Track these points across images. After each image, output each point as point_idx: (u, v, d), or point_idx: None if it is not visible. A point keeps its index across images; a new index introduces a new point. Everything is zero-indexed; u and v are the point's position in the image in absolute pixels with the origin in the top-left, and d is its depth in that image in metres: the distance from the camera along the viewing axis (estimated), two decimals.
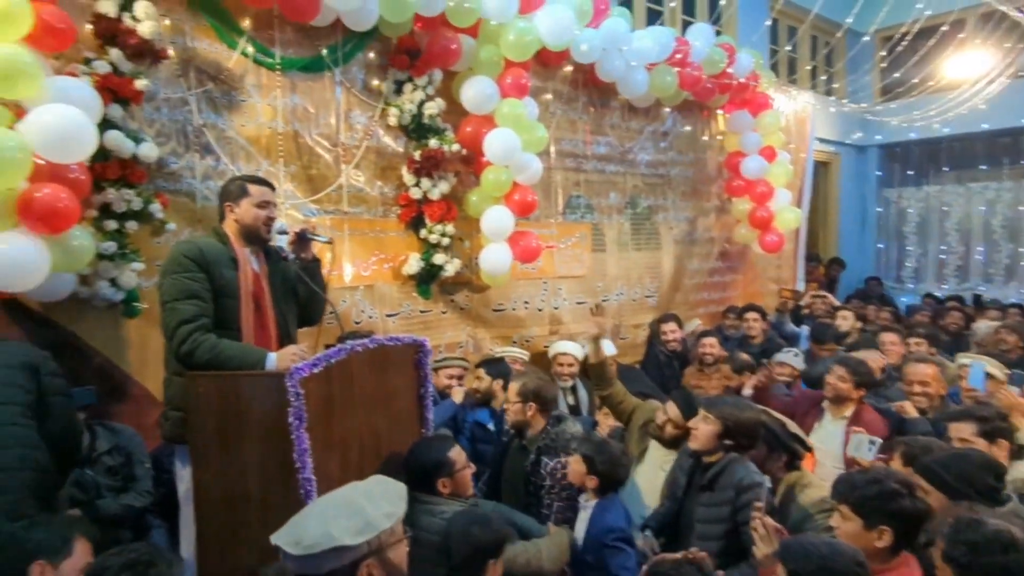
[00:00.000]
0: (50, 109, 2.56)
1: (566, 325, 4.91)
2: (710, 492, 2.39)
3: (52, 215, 2.54)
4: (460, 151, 4.11)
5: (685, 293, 5.93)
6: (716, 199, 6.22)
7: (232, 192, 2.50)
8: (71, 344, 2.95)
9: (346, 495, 1.54)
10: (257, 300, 2.44)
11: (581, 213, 5.10)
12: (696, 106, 5.88)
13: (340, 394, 2.18)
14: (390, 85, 3.97)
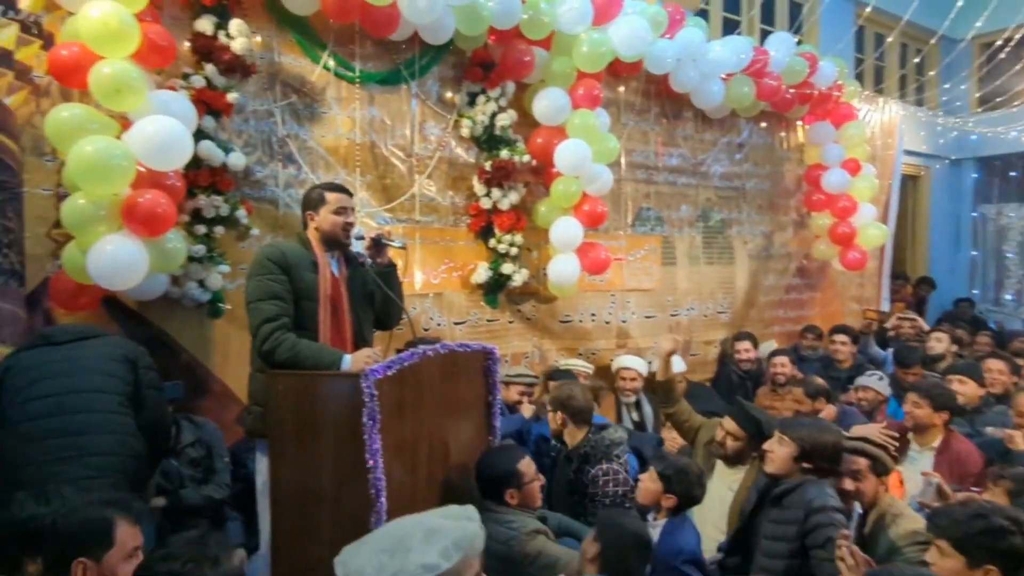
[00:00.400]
0: (152, 121, 2.78)
1: (634, 339, 4.87)
2: (778, 508, 2.32)
3: (151, 219, 2.74)
4: (530, 162, 4.18)
5: (760, 310, 5.77)
6: (794, 213, 6.04)
7: (312, 200, 2.63)
8: (161, 341, 3.16)
9: (404, 529, 1.37)
10: (335, 303, 2.55)
11: (651, 225, 5.06)
12: (774, 117, 5.74)
13: (411, 397, 2.24)
14: (463, 97, 4.09)
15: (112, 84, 2.71)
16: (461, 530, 1.33)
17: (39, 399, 2.24)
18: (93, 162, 2.62)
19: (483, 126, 4.06)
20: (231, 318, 3.32)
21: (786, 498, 2.30)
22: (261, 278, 2.43)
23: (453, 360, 2.43)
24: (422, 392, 2.30)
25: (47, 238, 2.96)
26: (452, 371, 2.43)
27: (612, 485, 2.71)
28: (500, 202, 4.11)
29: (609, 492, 2.67)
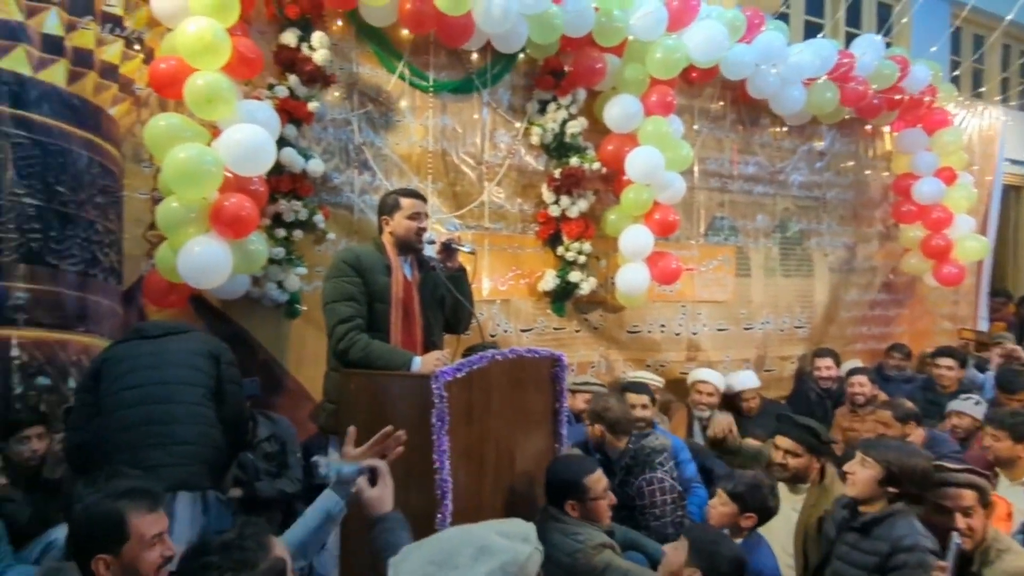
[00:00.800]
0: (239, 129, 2.96)
1: (705, 352, 4.77)
2: (860, 535, 2.21)
3: (237, 222, 2.92)
4: (600, 169, 4.18)
5: (841, 326, 5.52)
6: (880, 225, 5.76)
7: (387, 205, 2.72)
8: (241, 339, 3.34)
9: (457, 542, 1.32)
10: (406, 306, 2.63)
11: (725, 235, 4.95)
12: (859, 124, 5.52)
13: (479, 401, 2.27)
14: (534, 105, 4.14)
15: (204, 94, 2.90)
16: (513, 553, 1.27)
17: (131, 389, 2.40)
18: (185, 168, 2.81)
19: (553, 134, 4.09)
20: (307, 319, 3.47)
21: (875, 528, 2.19)
22: (337, 280, 2.54)
23: (521, 365, 2.44)
24: (490, 396, 2.32)
25: (142, 239, 3.20)
26: (520, 376, 2.44)
27: (660, 494, 2.67)
28: (569, 210, 4.12)
29: (658, 502, 2.62)
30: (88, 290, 2.90)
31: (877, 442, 2.45)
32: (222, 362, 2.57)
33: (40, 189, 2.74)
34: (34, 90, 2.74)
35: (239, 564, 1.35)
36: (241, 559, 1.36)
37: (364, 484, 1.68)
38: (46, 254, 2.76)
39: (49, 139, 2.77)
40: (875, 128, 5.67)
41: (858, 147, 5.61)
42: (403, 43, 3.77)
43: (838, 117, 5.21)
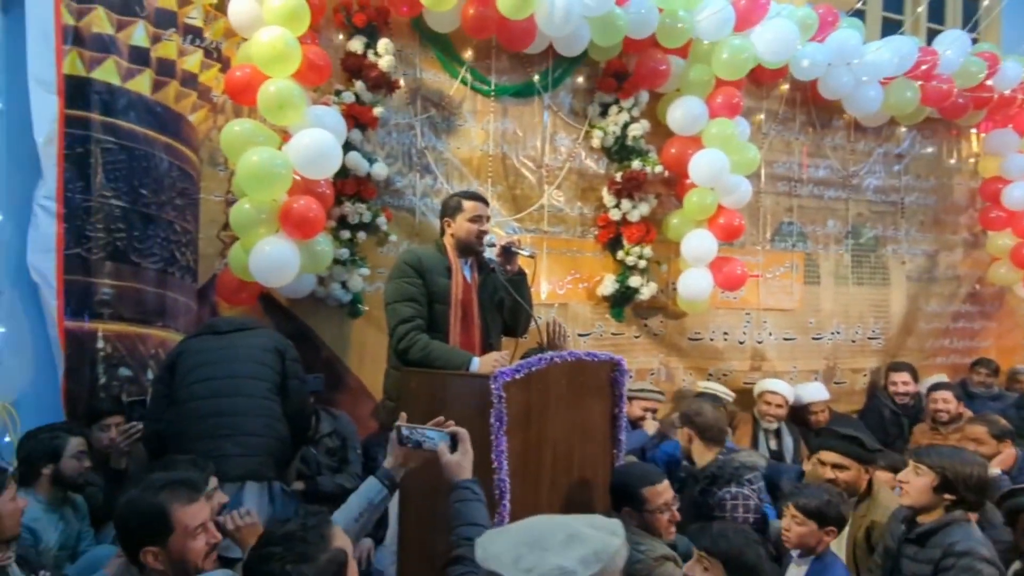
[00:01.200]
0: (309, 133, 3.10)
1: (770, 361, 4.64)
2: (918, 546, 2.16)
3: (305, 223, 3.04)
4: (663, 173, 4.14)
5: (920, 338, 5.25)
6: (966, 232, 5.45)
7: (450, 207, 2.77)
8: (306, 336, 3.48)
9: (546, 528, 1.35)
10: (465, 308, 2.67)
11: (792, 241, 4.80)
12: (942, 124, 5.25)
13: (537, 402, 2.28)
14: (595, 108, 4.14)
15: (276, 100, 3.04)
16: (604, 542, 1.27)
17: (202, 382, 2.53)
18: (257, 171, 2.96)
19: (614, 136, 4.09)
20: (368, 319, 3.58)
21: (931, 537, 2.15)
22: (399, 281, 2.61)
23: (580, 368, 2.44)
24: (548, 398, 2.32)
25: (216, 239, 3.38)
26: (578, 380, 2.43)
27: (742, 511, 2.60)
28: (630, 213, 4.10)
29: (738, 517, 2.55)
30: (167, 287, 3.08)
31: (930, 449, 2.37)
32: (287, 358, 2.67)
33: (126, 191, 2.92)
34: (122, 98, 2.93)
35: (300, 556, 1.37)
36: (303, 551, 1.38)
37: (445, 450, 1.76)
38: (130, 252, 2.94)
39: (135, 144, 2.96)
40: (960, 129, 5.38)
41: (941, 149, 5.34)
42: (465, 48, 3.84)
43: (919, 117, 4.98)
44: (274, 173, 2.97)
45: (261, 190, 3.01)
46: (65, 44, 2.80)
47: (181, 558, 1.65)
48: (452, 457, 1.76)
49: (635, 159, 4.08)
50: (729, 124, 4.01)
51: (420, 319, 2.55)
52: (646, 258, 4.14)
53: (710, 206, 4.04)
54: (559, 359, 2.35)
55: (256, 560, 1.40)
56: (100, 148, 2.87)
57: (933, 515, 2.20)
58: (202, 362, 2.57)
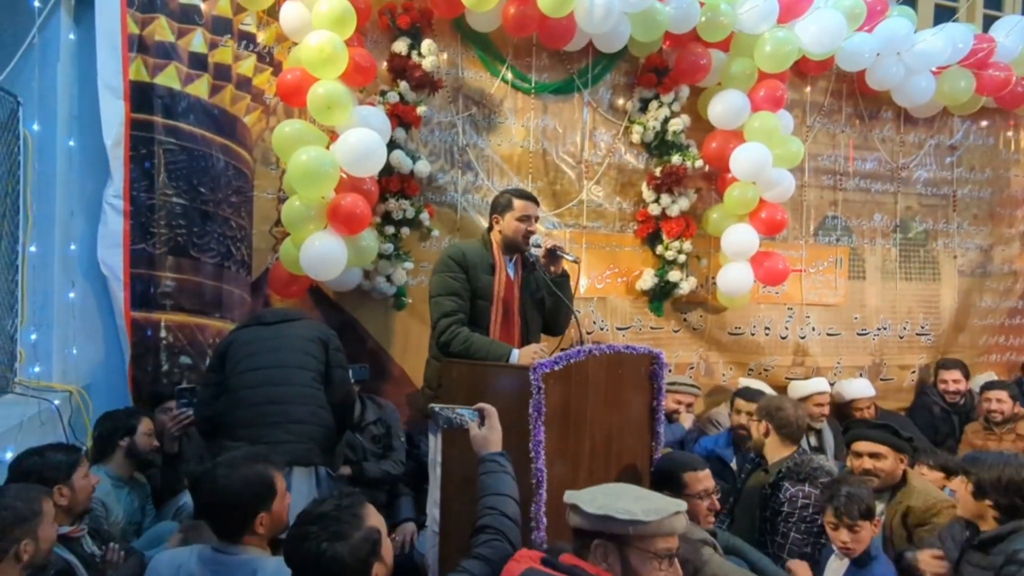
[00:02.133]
0: (355, 133, 3.21)
1: (813, 357, 4.60)
2: (982, 553, 2.14)
3: (352, 219, 3.16)
4: (703, 167, 4.15)
5: (972, 335, 5.11)
6: (1023, 225, 5.28)
7: (499, 205, 2.82)
8: (352, 327, 3.62)
9: (621, 488, 1.65)
10: (507, 304, 2.74)
11: (837, 235, 4.73)
12: (998, 114, 5.08)
13: (576, 394, 2.30)
14: (635, 103, 4.16)
15: (325, 101, 3.17)
16: (667, 503, 1.56)
17: (252, 371, 2.60)
18: (307, 169, 3.09)
19: (654, 132, 4.10)
20: (412, 311, 3.70)
21: (995, 545, 2.13)
22: (443, 275, 2.69)
23: (619, 361, 2.46)
24: (587, 390, 2.35)
25: (269, 235, 3.54)
26: (617, 372, 2.46)
27: (811, 510, 2.58)
28: (669, 208, 4.12)
29: (806, 517, 2.55)
30: (223, 280, 3.24)
31: (975, 455, 2.36)
32: (330, 348, 2.74)
33: (186, 190, 3.10)
34: (182, 102, 3.11)
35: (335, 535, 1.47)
36: (337, 530, 1.48)
37: (474, 425, 1.85)
38: (189, 247, 3.11)
39: (194, 145, 3.13)
40: (1018, 119, 5.20)
41: (998, 140, 5.17)
42: (506, 46, 3.92)
43: (974, 107, 4.83)
44: (322, 172, 3.10)
45: (310, 188, 3.14)
46: (131, 52, 2.98)
47: (280, 520, 1.85)
48: (479, 432, 1.84)
49: (675, 154, 4.09)
50: (772, 117, 3.98)
51: (462, 313, 2.63)
52: (686, 253, 4.15)
53: (751, 200, 4.02)
54: (597, 352, 2.38)
55: (294, 539, 1.51)
56: (162, 149, 3.05)
57: (989, 523, 2.19)
58: (251, 352, 2.65)
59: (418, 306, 3.65)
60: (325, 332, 2.78)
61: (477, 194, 3.89)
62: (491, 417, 1.86)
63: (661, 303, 4.27)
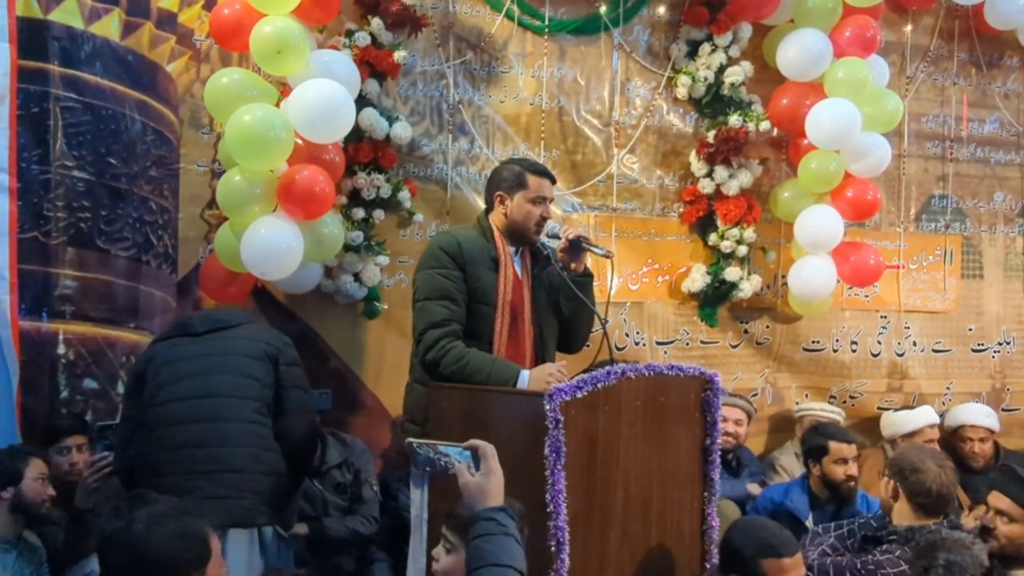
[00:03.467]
0: (313, 86, 3.16)
1: (914, 380, 4.57)
2: None
3: (309, 199, 3.12)
4: (770, 131, 4.11)
5: None
6: None
7: (507, 179, 2.76)
8: (310, 342, 3.58)
9: None
10: (515, 310, 2.71)
11: (946, 221, 4.70)
12: None
13: (605, 429, 2.29)
14: (681, 47, 4.13)
15: (273, 44, 3.13)
16: None
17: (174, 402, 2.55)
18: (250, 133, 3.03)
19: (706, 84, 4.07)
20: (389, 320, 3.68)
21: None
22: (431, 273, 2.65)
23: (660, 386, 2.44)
24: (619, 424, 2.34)
25: (200, 220, 3.51)
26: (659, 401, 2.45)
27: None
28: (726, 184, 4.08)
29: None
30: (140, 279, 3.21)
31: None
32: (280, 364, 2.66)
33: (91, 161, 3.06)
34: (86, 45, 3.07)
35: None
36: None
37: (464, 470, 1.76)
38: (96, 236, 3.07)
39: (100, 102, 3.09)
40: None
41: None
42: None
43: None
44: (271, 137, 3.04)
45: (255, 158, 3.09)
46: None
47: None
48: (473, 479, 1.74)
49: (733, 113, 4.05)
50: (861, 65, 3.94)
51: (456, 323, 2.60)
52: (747, 243, 4.12)
53: (834, 174, 3.99)
54: (633, 373, 2.36)
55: None
56: (60, 107, 3.00)
57: None
58: (174, 375, 2.59)
59: (396, 313, 3.62)
60: (276, 342, 2.72)
61: (473, 166, 3.86)
62: (488, 458, 1.77)
63: (715, 309, 4.25)
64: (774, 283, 4.32)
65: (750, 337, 4.35)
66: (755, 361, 4.36)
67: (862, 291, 4.40)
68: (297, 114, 3.14)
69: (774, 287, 4.33)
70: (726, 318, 4.29)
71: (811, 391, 4.43)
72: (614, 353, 2.65)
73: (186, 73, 3.50)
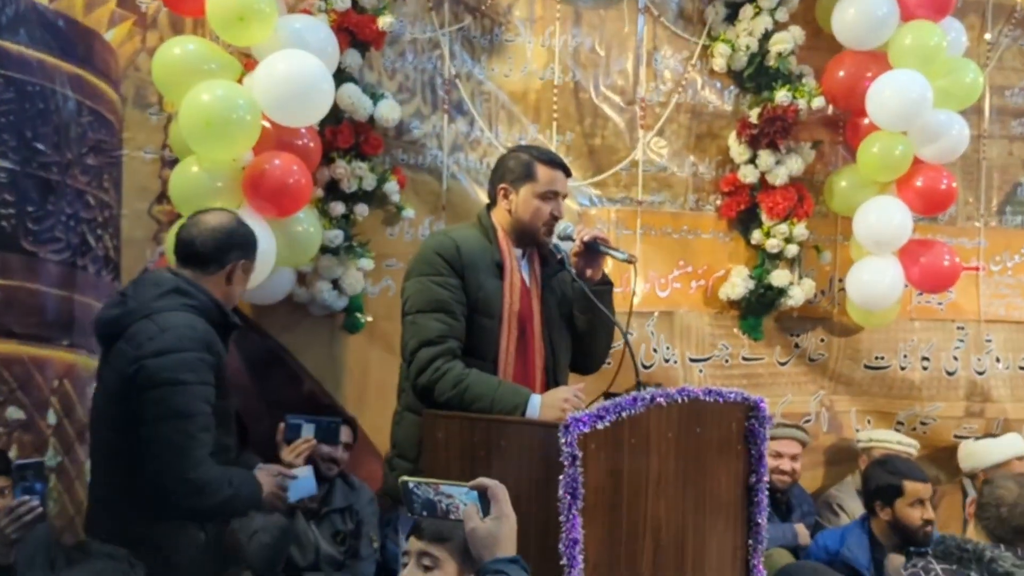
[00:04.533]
0: (284, 58, 3.11)
1: (997, 403, 4.55)
2: None
3: (280, 193, 3.08)
4: (824, 108, 4.10)
5: None
6: None
7: (513, 170, 2.73)
8: (279, 361, 3.54)
9: None
10: (523, 323, 2.69)
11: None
12: None
13: (631, 466, 2.28)
14: (719, 10, 4.13)
15: (235, 8, 3.08)
16: None
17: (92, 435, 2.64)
18: (209, 115, 2.99)
19: (748, 54, 4.06)
20: (373, 335, 3.64)
21: None
22: (425, 280, 2.60)
23: (697, 413, 2.45)
24: (647, 460, 2.33)
25: (148, 216, 3.45)
26: (693, 432, 2.45)
27: None
28: (772, 172, 4.06)
29: None
30: (75, 287, 3.17)
31: None
32: (141, 388, 2.33)
33: (15, 148, 3.03)
34: (7, 9, 3.03)
35: None
36: None
37: (472, 514, 1.78)
38: (21, 237, 3.04)
39: (27, 76, 3.05)
40: None
41: None
42: None
43: None
44: (233, 119, 3.00)
45: (215, 144, 3.05)
46: None
47: None
48: (482, 525, 1.78)
49: (781, 88, 4.03)
50: (932, 30, 3.91)
51: (453, 340, 2.55)
52: (798, 241, 4.11)
53: (900, 160, 3.95)
54: (663, 399, 2.35)
55: None
56: None
57: None
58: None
59: (382, 327, 3.59)
60: (146, 350, 2.35)
61: (473, 152, 3.84)
62: (499, 501, 1.81)
63: (759, 320, 4.24)
64: (829, 288, 4.33)
65: (801, 352, 4.35)
66: (808, 381, 4.36)
67: (934, 298, 4.42)
68: (264, 92, 3.10)
69: (829, 293, 4.33)
70: (773, 330, 4.29)
71: (874, 416, 4.43)
72: (640, 374, 2.61)
73: (129, 42, 3.44)
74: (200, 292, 2.45)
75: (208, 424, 2.35)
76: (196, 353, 2.35)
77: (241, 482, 2.42)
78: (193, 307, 2.41)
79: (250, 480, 2.48)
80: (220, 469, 2.35)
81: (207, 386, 2.37)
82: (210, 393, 2.37)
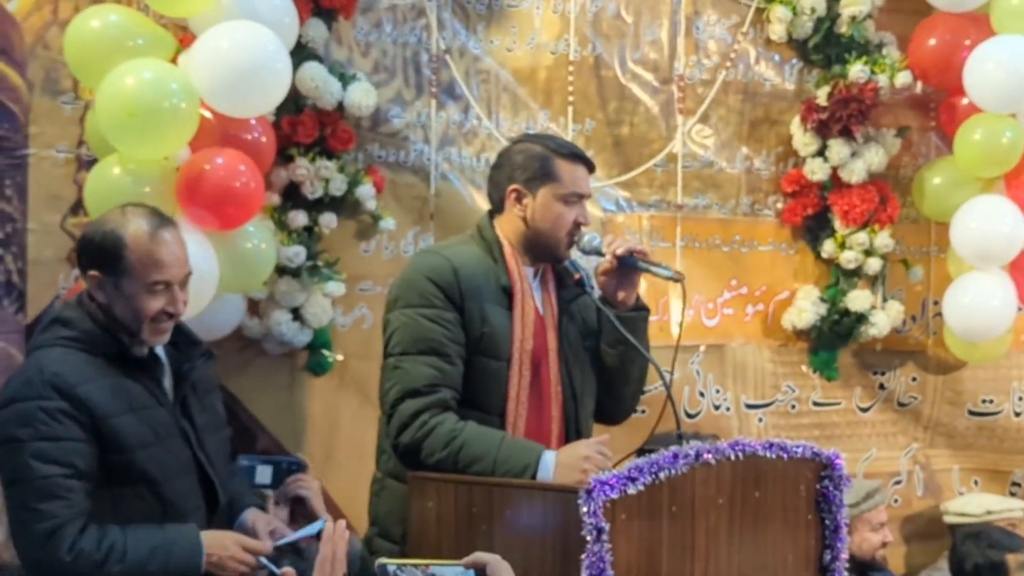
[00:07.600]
0: (228, 31, 3.15)
1: None
2: None
3: (226, 200, 3.10)
4: (911, 85, 4.13)
5: None
6: None
7: (525, 167, 2.73)
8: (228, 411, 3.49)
9: None
10: (536, 363, 2.70)
11: None
12: None
13: (671, 540, 2.28)
14: None
15: None
16: None
17: None
18: (136, 104, 3.01)
19: (814, 20, 4.10)
20: (343, 378, 3.68)
21: None
22: (413, 313, 2.60)
23: (755, 474, 2.46)
24: (693, 533, 2.33)
25: (61, 230, 3.47)
26: (751, 497, 2.47)
27: None
28: (846, 167, 4.10)
29: None
30: None
31: None
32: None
33: None
34: None
35: None
36: None
37: None
38: None
39: None
40: None
41: None
42: None
43: None
44: (165, 107, 3.04)
45: (142, 140, 3.08)
46: None
47: None
48: None
49: (855, 61, 4.07)
50: None
51: (447, 389, 2.56)
52: (881, 254, 4.14)
53: (1009, 149, 3.99)
54: (713, 456, 2.35)
55: None
56: None
57: None
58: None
59: (356, 368, 3.64)
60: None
61: (468, 146, 3.88)
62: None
63: (834, 355, 4.27)
64: (923, 314, 4.38)
65: (888, 395, 4.38)
66: (897, 431, 4.40)
67: None
68: (204, 74, 3.14)
69: (923, 320, 4.38)
70: (851, 367, 4.32)
71: (982, 475, 4.45)
72: (683, 424, 2.63)
73: (36, 14, 3.49)
74: (84, 319, 2.40)
75: (57, 490, 2.25)
76: (36, 402, 2.27)
77: (150, 551, 2.33)
78: (69, 339, 2.38)
79: (177, 544, 2.38)
80: (92, 540, 2.26)
81: (53, 442, 2.27)
82: (63, 449, 2.27)
